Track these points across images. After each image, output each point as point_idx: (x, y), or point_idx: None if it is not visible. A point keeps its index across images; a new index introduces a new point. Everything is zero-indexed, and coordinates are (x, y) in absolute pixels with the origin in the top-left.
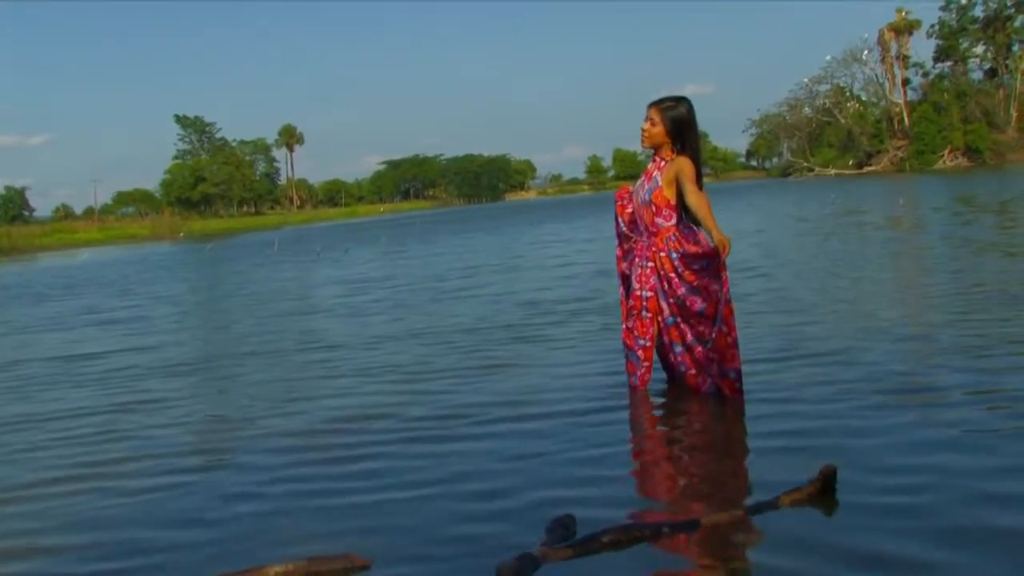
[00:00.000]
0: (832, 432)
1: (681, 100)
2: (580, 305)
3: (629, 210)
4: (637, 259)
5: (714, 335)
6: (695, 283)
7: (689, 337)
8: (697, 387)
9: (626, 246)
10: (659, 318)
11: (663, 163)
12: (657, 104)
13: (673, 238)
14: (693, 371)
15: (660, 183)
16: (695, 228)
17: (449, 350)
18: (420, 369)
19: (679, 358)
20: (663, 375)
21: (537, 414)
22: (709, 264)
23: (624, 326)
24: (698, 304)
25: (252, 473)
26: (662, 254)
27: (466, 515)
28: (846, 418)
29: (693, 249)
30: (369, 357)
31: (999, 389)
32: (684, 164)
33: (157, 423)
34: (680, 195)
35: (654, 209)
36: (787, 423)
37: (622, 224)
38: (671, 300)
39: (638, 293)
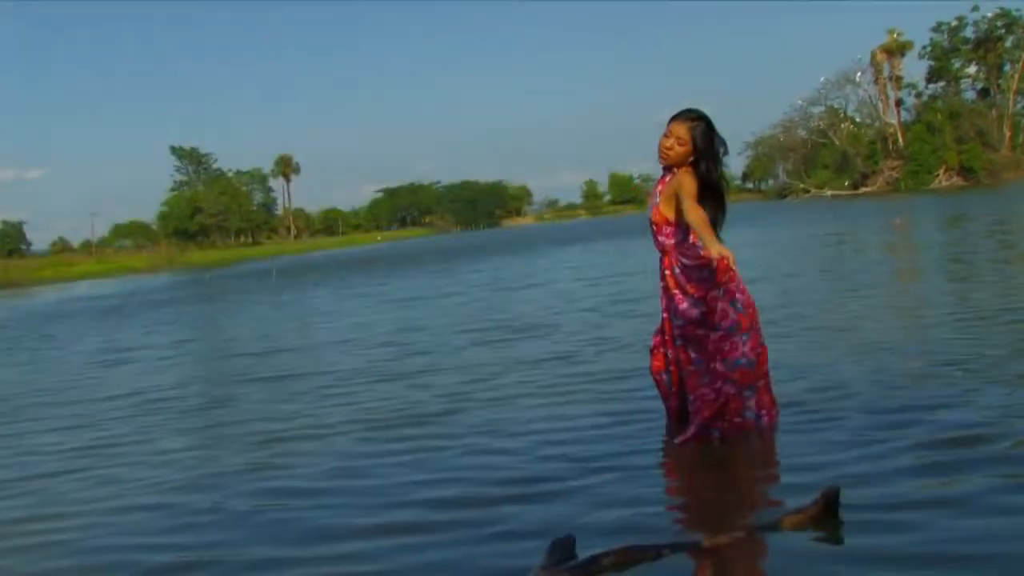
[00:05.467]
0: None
1: (701, 114)
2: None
3: None
4: (660, 280)
5: (714, 340)
6: (697, 296)
7: (693, 356)
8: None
9: None
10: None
11: (668, 179)
12: (682, 119)
13: (677, 254)
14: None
15: (659, 200)
16: (699, 246)
17: (422, 396)
18: (383, 416)
19: (688, 379)
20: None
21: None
22: (710, 274)
23: (656, 349)
24: (695, 313)
25: (156, 537)
26: (667, 272)
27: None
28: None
29: (692, 262)
30: (307, 412)
31: (1003, 436)
32: (685, 179)
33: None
34: (680, 212)
35: (655, 228)
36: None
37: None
38: (676, 319)
39: (664, 315)
